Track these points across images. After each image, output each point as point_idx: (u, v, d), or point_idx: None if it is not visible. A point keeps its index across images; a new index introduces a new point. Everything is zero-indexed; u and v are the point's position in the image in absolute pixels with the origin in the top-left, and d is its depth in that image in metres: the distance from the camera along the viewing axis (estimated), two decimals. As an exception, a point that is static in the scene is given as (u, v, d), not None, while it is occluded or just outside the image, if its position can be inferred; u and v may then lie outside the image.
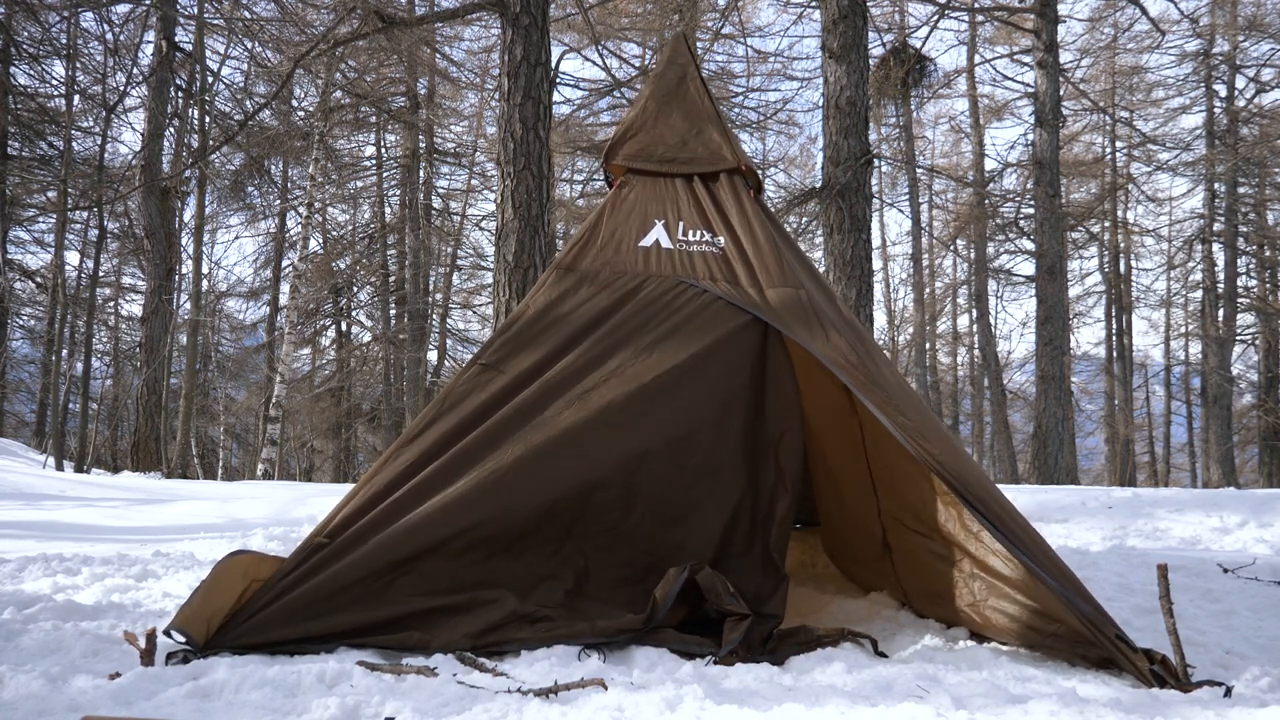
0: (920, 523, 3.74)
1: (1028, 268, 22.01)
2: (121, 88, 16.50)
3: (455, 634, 3.05)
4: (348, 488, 4.71)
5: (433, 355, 22.63)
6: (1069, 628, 2.99)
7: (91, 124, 17.72)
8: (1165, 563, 3.01)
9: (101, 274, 20.77)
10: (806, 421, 3.83)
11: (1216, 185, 21.36)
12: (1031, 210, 17.40)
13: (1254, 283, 22.48)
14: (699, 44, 15.69)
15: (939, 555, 3.59)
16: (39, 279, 21.11)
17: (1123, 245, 23.95)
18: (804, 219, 16.21)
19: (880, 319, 25.24)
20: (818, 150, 21.68)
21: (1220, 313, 21.48)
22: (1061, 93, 15.35)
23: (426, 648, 2.99)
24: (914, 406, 3.48)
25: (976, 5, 17.23)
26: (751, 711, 2.33)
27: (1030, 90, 17.81)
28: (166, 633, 2.84)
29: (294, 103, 17.84)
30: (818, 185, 9.28)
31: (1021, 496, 8.11)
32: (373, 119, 20.87)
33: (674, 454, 3.56)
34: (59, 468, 13.26)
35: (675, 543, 3.53)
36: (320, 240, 21.92)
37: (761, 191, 4.20)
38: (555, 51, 13.90)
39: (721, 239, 3.81)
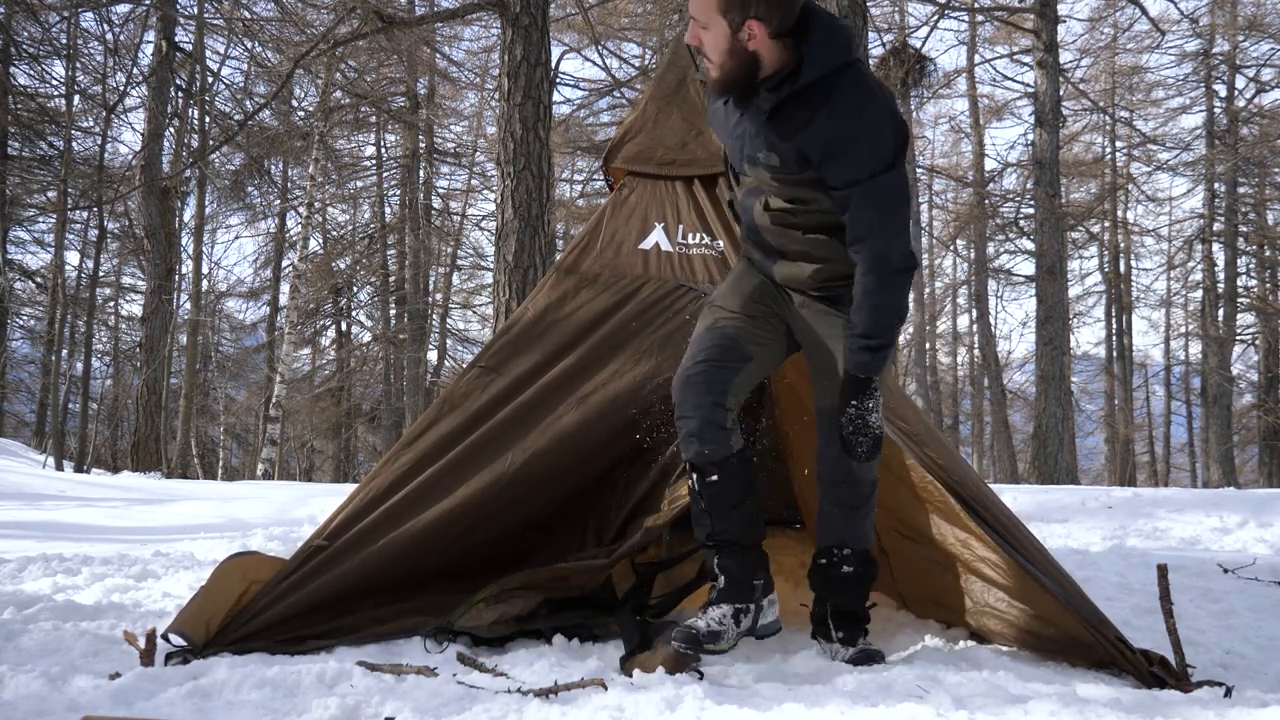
0: (910, 528, 3.73)
1: (1028, 268, 22.02)
2: (121, 88, 16.51)
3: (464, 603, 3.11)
4: (348, 488, 4.71)
5: (433, 355, 22.68)
6: (1065, 631, 2.99)
7: (91, 124, 17.74)
8: (1165, 563, 3.00)
9: (101, 274, 20.79)
10: (803, 423, 3.83)
11: (1216, 185, 21.37)
12: (1031, 210, 17.43)
13: (1254, 283, 22.49)
14: (699, 44, 15.64)
15: (933, 560, 3.59)
16: (39, 279, 21.12)
17: (1123, 245, 23.95)
18: (804, 219, 16.18)
19: (880, 319, 25.19)
20: (818, 150, 21.60)
21: (1220, 313, 21.48)
22: (1061, 93, 15.36)
23: (431, 624, 3.05)
24: (911, 411, 3.52)
25: (976, 5, 17.23)
26: (751, 711, 2.33)
27: (1030, 90, 17.81)
28: (165, 636, 2.84)
29: (294, 103, 17.86)
30: (818, 185, 9.26)
31: (1021, 496, 8.11)
32: (373, 119, 20.90)
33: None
34: (59, 468, 13.27)
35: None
36: (320, 240, 21.95)
37: None
38: (555, 51, 13.95)
39: (721, 242, 3.80)
